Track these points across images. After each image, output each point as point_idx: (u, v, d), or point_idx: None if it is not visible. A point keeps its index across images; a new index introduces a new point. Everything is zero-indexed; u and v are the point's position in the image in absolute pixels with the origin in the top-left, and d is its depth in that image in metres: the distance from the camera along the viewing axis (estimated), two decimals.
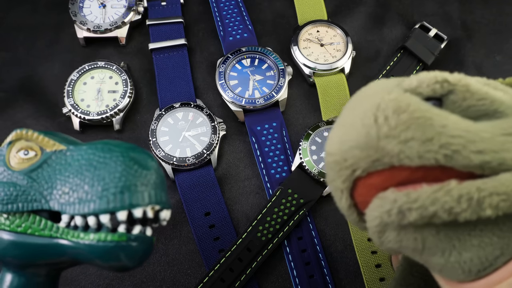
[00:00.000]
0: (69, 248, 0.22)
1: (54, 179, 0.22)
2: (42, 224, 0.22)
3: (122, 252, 0.21)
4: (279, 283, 0.36)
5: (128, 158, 0.21)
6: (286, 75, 0.42)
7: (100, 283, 0.35)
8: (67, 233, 0.22)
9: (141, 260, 0.22)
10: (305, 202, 0.37)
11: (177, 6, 0.47)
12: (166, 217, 0.23)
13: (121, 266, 0.21)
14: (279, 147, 0.40)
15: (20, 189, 0.22)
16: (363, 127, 0.17)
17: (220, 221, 0.37)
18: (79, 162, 0.22)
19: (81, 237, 0.21)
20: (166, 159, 0.38)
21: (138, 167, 0.21)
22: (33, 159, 0.23)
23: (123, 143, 0.22)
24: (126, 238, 0.21)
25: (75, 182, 0.21)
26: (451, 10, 0.48)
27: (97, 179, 0.21)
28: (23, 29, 0.46)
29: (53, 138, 0.23)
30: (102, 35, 0.44)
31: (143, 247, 0.22)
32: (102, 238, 0.21)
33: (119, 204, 0.20)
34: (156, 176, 0.22)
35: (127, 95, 0.41)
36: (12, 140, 0.24)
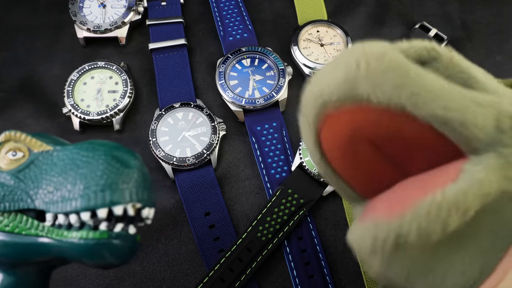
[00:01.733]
0: (54, 247, 0.22)
1: (40, 178, 0.22)
2: (28, 223, 0.23)
3: (104, 249, 0.21)
4: (279, 283, 0.36)
5: (110, 156, 0.22)
6: (286, 75, 0.42)
7: (100, 283, 0.35)
8: (51, 231, 0.22)
9: (126, 258, 0.22)
10: (305, 202, 0.37)
11: (177, 6, 0.47)
12: (149, 215, 0.23)
13: (105, 263, 0.22)
14: (279, 147, 0.40)
15: (8, 189, 0.23)
16: (345, 66, 0.17)
17: (220, 221, 0.37)
18: (64, 162, 0.22)
19: (65, 235, 0.22)
20: (166, 159, 0.38)
21: (120, 166, 0.22)
22: (20, 159, 0.23)
23: (107, 143, 0.23)
24: (107, 235, 0.21)
25: (59, 181, 0.22)
26: (451, 10, 0.48)
27: (79, 177, 0.21)
28: (23, 29, 0.46)
29: (41, 139, 0.24)
30: (102, 35, 0.44)
31: (126, 245, 0.22)
32: (84, 236, 0.21)
33: (99, 202, 0.21)
34: (138, 174, 0.22)
35: (127, 95, 0.41)
36: (1, 141, 0.24)
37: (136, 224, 0.23)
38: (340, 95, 0.17)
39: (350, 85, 0.17)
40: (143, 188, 0.22)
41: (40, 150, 0.24)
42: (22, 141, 0.24)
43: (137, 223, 0.23)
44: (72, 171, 0.21)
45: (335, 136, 0.19)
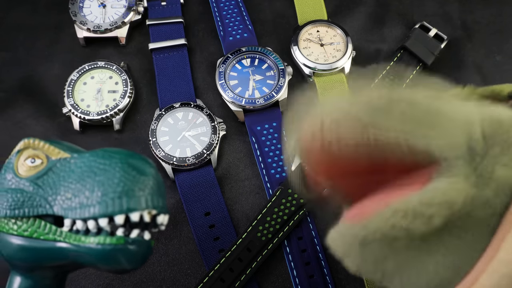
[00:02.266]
0: (71, 251, 0.23)
1: (58, 185, 0.23)
2: (46, 228, 0.23)
3: (120, 254, 0.22)
4: (279, 283, 0.36)
5: (127, 164, 0.22)
6: (286, 75, 0.42)
7: (100, 283, 0.35)
8: (69, 236, 0.23)
9: (140, 263, 0.23)
10: (305, 202, 0.37)
11: (177, 6, 0.47)
12: (164, 221, 0.24)
13: (120, 268, 0.22)
14: (279, 147, 0.40)
15: (27, 195, 0.23)
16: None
17: (220, 221, 0.37)
18: (81, 169, 0.23)
19: (82, 240, 0.22)
20: (166, 159, 0.38)
21: (136, 173, 0.22)
22: (39, 166, 0.24)
23: (123, 151, 0.23)
24: (124, 241, 0.22)
25: (77, 188, 0.22)
26: (451, 10, 0.48)
27: (97, 184, 0.22)
28: (23, 29, 0.46)
29: (58, 146, 0.25)
30: (102, 35, 0.44)
31: (141, 250, 0.23)
32: (101, 241, 0.22)
33: (117, 209, 0.21)
34: (154, 182, 0.23)
35: (127, 95, 0.41)
36: (20, 149, 0.25)
37: (150, 230, 0.24)
38: None
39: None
40: (158, 195, 0.23)
41: (58, 157, 0.24)
42: (40, 148, 0.25)
43: (151, 229, 0.24)
44: (90, 178, 0.22)
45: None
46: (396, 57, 0.44)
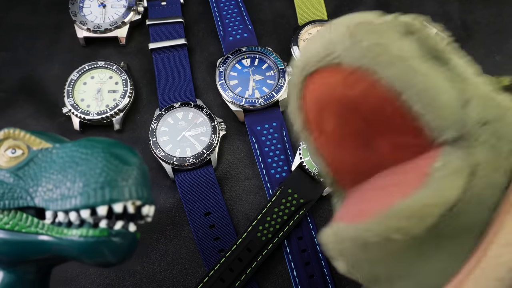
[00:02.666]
0: (54, 244, 0.22)
1: (40, 176, 0.22)
2: (28, 221, 0.23)
3: (104, 247, 0.21)
4: (279, 283, 0.36)
5: (109, 153, 0.21)
6: (286, 75, 0.42)
7: (100, 283, 0.35)
8: (51, 229, 0.22)
9: (125, 256, 0.22)
10: (305, 202, 0.37)
11: (177, 6, 0.47)
12: (149, 213, 0.23)
13: (105, 261, 0.22)
14: (279, 147, 0.40)
15: (7, 186, 0.23)
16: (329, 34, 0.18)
17: (220, 221, 0.37)
18: (63, 159, 0.22)
19: (64, 233, 0.22)
20: (166, 159, 0.38)
21: (119, 163, 0.21)
22: (20, 157, 0.23)
23: (106, 140, 0.23)
24: (107, 233, 0.21)
25: (58, 178, 0.22)
26: (451, 10, 0.48)
27: (78, 175, 0.21)
28: (23, 29, 0.46)
29: (40, 136, 0.24)
30: (102, 35, 0.44)
31: (125, 243, 0.22)
32: (84, 234, 0.21)
33: (99, 200, 0.21)
34: (138, 172, 0.22)
35: (127, 95, 0.41)
36: (0, 139, 0.24)
37: (136, 221, 0.23)
38: (319, 57, 0.18)
39: (326, 48, 0.18)
40: (142, 186, 0.22)
41: (39, 147, 0.23)
42: (21, 138, 0.24)
43: (137, 220, 0.23)
44: (71, 169, 0.21)
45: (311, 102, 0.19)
46: None
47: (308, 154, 0.38)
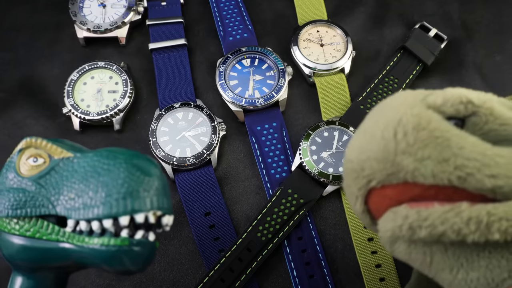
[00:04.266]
0: (75, 252, 0.23)
1: (61, 185, 0.23)
2: (49, 228, 0.23)
3: (124, 256, 0.22)
4: (279, 283, 0.36)
5: (131, 164, 0.22)
6: (286, 75, 0.42)
7: (100, 283, 0.35)
8: (72, 237, 0.22)
9: (144, 264, 0.23)
10: (305, 202, 0.37)
11: (177, 6, 0.47)
12: (169, 222, 0.24)
13: (125, 270, 0.22)
14: (279, 147, 0.40)
15: (29, 195, 0.23)
16: (382, 139, 0.17)
17: (220, 221, 0.37)
18: (84, 169, 0.22)
19: (86, 241, 0.22)
20: (166, 159, 0.38)
21: (141, 174, 0.22)
22: (41, 166, 0.24)
23: (127, 151, 0.23)
24: (128, 242, 0.22)
25: (80, 188, 0.22)
26: (451, 10, 0.48)
27: (101, 185, 0.21)
28: (23, 29, 0.46)
29: (61, 146, 0.24)
30: (102, 35, 0.44)
31: (145, 252, 0.22)
32: (105, 243, 0.22)
33: (121, 210, 0.21)
34: (159, 183, 0.23)
35: (127, 95, 0.41)
36: (22, 147, 0.25)
37: (155, 231, 0.24)
38: (383, 174, 0.18)
39: (391, 162, 0.17)
40: (163, 196, 0.23)
41: (61, 156, 0.24)
42: (42, 147, 0.24)
43: (156, 230, 0.24)
44: (93, 179, 0.22)
45: (380, 204, 0.19)
46: (396, 57, 0.44)
47: (309, 156, 0.38)
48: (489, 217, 0.16)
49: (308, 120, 0.42)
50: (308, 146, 0.38)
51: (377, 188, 0.19)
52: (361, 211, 0.20)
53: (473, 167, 0.16)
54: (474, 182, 0.16)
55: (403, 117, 0.17)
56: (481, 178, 0.16)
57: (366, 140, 0.18)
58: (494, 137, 0.18)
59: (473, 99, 0.18)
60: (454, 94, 0.18)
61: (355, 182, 0.19)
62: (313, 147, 0.39)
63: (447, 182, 0.16)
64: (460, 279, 0.18)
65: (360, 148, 0.19)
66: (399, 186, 0.18)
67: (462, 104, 0.18)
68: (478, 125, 0.18)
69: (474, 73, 0.44)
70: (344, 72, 0.43)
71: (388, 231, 0.18)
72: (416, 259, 0.19)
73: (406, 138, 0.17)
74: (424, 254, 0.18)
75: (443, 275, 0.18)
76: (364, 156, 0.18)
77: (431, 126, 0.17)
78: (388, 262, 0.36)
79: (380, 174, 0.18)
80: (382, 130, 0.18)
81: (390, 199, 0.18)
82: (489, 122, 0.18)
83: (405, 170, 0.17)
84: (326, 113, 0.42)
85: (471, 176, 0.16)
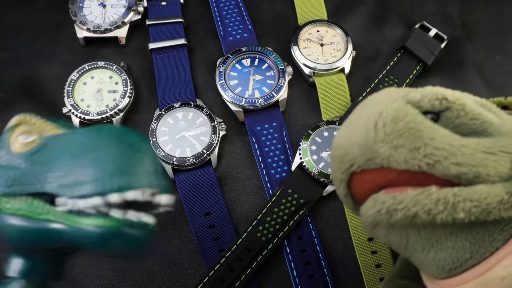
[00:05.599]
0: (65, 233, 0.22)
1: (51, 162, 0.22)
2: (40, 207, 0.22)
3: (116, 237, 0.21)
4: (279, 283, 0.36)
5: (120, 140, 0.21)
6: (286, 75, 0.42)
7: (100, 283, 0.35)
8: (63, 217, 0.21)
9: (138, 248, 0.22)
10: (305, 202, 0.37)
11: (177, 6, 0.47)
12: (166, 201, 0.22)
13: (117, 252, 0.21)
14: (279, 147, 0.40)
15: (19, 172, 0.22)
16: (364, 129, 0.19)
17: (220, 221, 0.37)
18: (74, 146, 0.22)
19: (76, 221, 0.21)
20: (166, 159, 0.38)
21: (131, 150, 0.21)
22: (32, 143, 0.23)
23: (117, 127, 0.22)
24: (118, 223, 0.21)
25: (69, 165, 0.21)
26: (451, 10, 0.48)
27: (89, 162, 0.21)
28: (23, 29, 0.46)
29: (51, 123, 0.24)
30: (102, 35, 0.44)
31: (139, 234, 0.21)
32: (94, 223, 0.21)
33: (109, 187, 0.20)
34: (149, 159, 0.22)
35: (127, 95, 0.41)
36: (13, 125, 0.24)
37: (153, 211, 0.22)
38: (362, 160, 0.20)
39: (370, 149, 0.19)
40: (154, 173, 0.22)
41: (51, 134, 0.23)
42: (33, 124, 0.24)
43: (154, 210, 0.22)
44: (82, 156, 0.21)
45: (360, 188, 0.21)
46: (396, 57, 0.44)
47: (309, 156, 0.38)
48: (455, 198, 0.18)
49: (308, 120, 0.42)
50: (308, 146, 0.38)
51: (357, 173, 0.21)
52: (344, 194, 0.22)
53: (440, 155, 0.18)
54: (441, 169, 0.18)
55: (383, 110, 0.19)
56: (447, 165, 0.18)
57: (351, 129, 0.21)
58: (464, 130, 0.19)
59: (448, 96, 0.20)
60: (432, 91, 0.20)
61: (339, 167, 0.21)
62: (313, 147, 0.39)
63: (418, 168, 0.18)
64: (431, 259, 0.20)
65: (345, 136, 0.21)
66: (377, 171, 0.20)
67: (438, 100, 0.20)
68: (451, 119, 0.20)
69: (474, 73, 0.44)
70: (344, 72, 0.43)
71: (370, 217, 0.20)
72: (394, 241, 0.21)
73: (385, 129, 0.19)
74: (400, 236, 0.20)
75: (416, 255, 0.20)
76: (348, 143, 0.20)
77: (407, 119, 0.19)
78: (388, 262, 0.36)
79: (360, 160, 0.20)
80: (365, 121, 0.20)
81: (369, 182, 0.20)
82: (460, 117, 0.19)
83: (381, 156, 0.19)
84: (326, 113, 0.42)
85: (439, 163, 0.18)
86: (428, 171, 0.18)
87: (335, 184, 0.23)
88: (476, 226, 0.19)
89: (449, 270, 0.20)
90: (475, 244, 0.19)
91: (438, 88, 0.20)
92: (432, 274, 0.21)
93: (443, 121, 0.20)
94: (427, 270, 0.21)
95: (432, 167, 0.18)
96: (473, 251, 0.19)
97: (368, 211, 0.20)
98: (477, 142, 0.18)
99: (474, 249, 0.19)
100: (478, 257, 0.19)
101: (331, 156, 0.22)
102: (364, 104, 0.21)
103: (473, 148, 0.18)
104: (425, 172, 0.18)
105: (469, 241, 0.19)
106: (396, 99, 0.19)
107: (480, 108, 0.20)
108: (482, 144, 0.18)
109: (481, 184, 0.18)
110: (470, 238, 0.19)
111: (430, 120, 0.19)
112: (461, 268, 0.19)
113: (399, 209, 0.19)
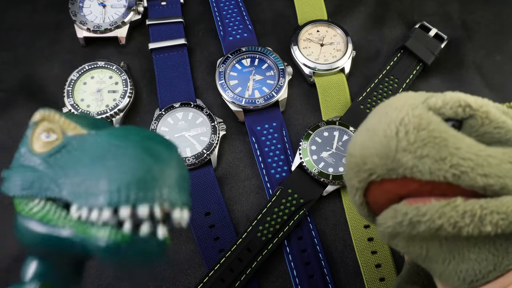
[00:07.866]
0: (77, 241, 0.21)
1: (70, 166, 0.20)
2: (56, 213, 0.21)
3: (125, 251, 0.20)
4: (279, 283, 0.36)
5: (142, 148, 0.19)
6: (286, 75, 0.42)
7: (100, 283, 0.35)
8: (76, 225, 0.20)
9: (150, 261, 0.21)
10: (305, 202, 0.37)
11: (177, 6, 0.47)
12: (181, 218, 0.20)
13: (129, 263, 0.20)
14: (279, 147, 0.40)
15: (36, 174, 0.21)
16: (385, 137, 0.19)
17: (220, 221, 0.37)
18: (94, 150, 0.20)
19: (88, 230, 0.20)
20: None
21: (151, 159, 0.19)
22: (53, 142, 0.22)
23: (143, 131, 0.20)
24: (130, 237, 0.19)
25: (86, 171, 0.20)
26: (451, 10, 0.48)
27: (105, 170, 0.19)
28: (23, 29, 0.46)
29: (76, 120, 0.22)
30: (102, 35, 0.44)
31: (148, 248, 0.20)
32: (105, 235, 0.19)
33: (122, 199, 0.19)
34: (172, 171, 0.20)
35: (127, 95, 0.41)
36: (36, 120, 0.23)
37: (167, 226, 0.21)
38: (383, 169, 0.19)
39: (392, 159, 0.18)
40: (174, 186, 0.20)
41: (74, 133, 0.22)
42: (56, 122, 0.22)
43: (169, 225, 0.21)
44: (100, 162, 0.19)
45: (379, 197, 0.20)
46: (396, 57, 0.44)
47: (309, 156, 0.38)
48: (482, 210, 0.17)
49: (308, 120, 0.42)
50: (308, 146, 0.38)
51: (376, 182, 0.20)
52: (360, 203, 0.21)
53: (467, 166, 0.17)
54: (468, 180, 0.17)
55: (405, 117, 0.18)
56: (474, 176, 0.17)
57: (369, 137, 0.19)
58: (488, 139, 0.19)
59: (471, 103, 0.19)
60: (453, 98, 0.19)
61: (356, 175, 0.20)
62: (313, 147, 0.39)
63: (443, 179, 0.18)
64: (451, 270, 0.19)
65: (362, 144, 0.20)
66: (398, 181, 0.19)
67: (461, 107, 0.19)
68: (474, 127, 0.19)
69: (474, 73, 0.44)
70: (344, 72, 0.43)
71: (389, 227, 0.19)
72: (413, 252, 0.20)
73: (407, 137, 0.18)
74: (421, 248, 0.20)
75: (436, 266, 0.20)
76: (366, 152, 0.19)
77: (430, 127, 0.18)
78: (388, 262, 0.36)
79: (381, 169, 0.19)
80: (385, 128, 0.19)
81: (389, 192, 0.19)
82: (484, 125, 0.19)
83: (404, 166, 0.18)
84: (326, 113, 0.42)
85: (465, 174, 0.17)
86: (453, 182, 0.18)
87: (349, 192, 0.22)
88: (500, 238, 0.18)
89: (470, 281, 0.19)
90: (498, 256, 0.18)
91: (459, 94, 0.19)
92: (451, 285, 0.20)
93: (467, 129, 0.19)
94: (446, 281, 0.20)
95: (458, 178, 0.18)
96: (496, 263, 0.18)
97: (387, 221, 0.19)
98: (503, 152, 0.18)
99: (498, 261, 0.18)
100: (502, 269, 0.18)
101: (347, 164, 0.21)
102: (381, 109, 0.20)
103: (500, 159, 0.18)
104: (450, 182, 0.18)
105: (492, 253, 0.18)
106: (417, 105, 0.19)
107: (504, 116, 0.19)
108: (508, 154, 0.18)
109: (507, 196, 0.18)
110: (493, 250, 0.18)
111: (453, 128, 0.19)
112: (484, 280, 0.19)
113: (423, 221, 0.18)
